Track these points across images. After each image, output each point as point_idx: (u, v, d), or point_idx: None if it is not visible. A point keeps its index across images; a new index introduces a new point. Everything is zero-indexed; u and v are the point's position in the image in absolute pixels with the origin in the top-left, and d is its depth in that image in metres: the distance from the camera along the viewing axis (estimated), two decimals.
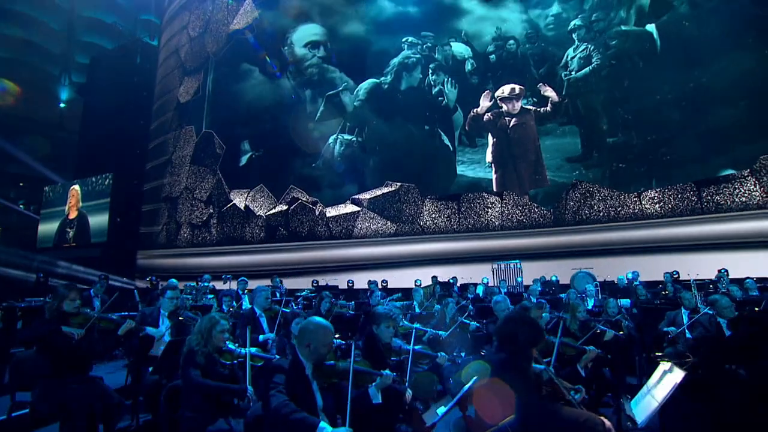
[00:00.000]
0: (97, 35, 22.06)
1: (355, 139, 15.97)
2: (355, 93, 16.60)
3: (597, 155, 13.51)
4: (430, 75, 16.37)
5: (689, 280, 6.85)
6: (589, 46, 14.43)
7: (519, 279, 10.01)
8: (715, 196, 10.66)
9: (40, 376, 3.56)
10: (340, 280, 10.88)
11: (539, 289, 7.02)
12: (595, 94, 14.03)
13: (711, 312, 3.81)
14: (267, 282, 8.98)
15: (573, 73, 14.58)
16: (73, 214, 17.03)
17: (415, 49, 16.69)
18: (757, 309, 3.97)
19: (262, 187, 14.05)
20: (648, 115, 12.80)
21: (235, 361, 3.21)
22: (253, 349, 3.42)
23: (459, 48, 16.42)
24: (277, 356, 3.51)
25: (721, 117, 11.37)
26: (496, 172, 14.64)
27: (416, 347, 3.46)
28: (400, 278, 11.04)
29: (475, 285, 8.81)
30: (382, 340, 3.25)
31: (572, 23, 14.94)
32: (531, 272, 10.71)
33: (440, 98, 16.00)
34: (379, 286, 9.78)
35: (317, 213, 13.65)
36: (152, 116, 15.87)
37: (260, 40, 15.14)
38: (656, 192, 11.53)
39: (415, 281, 10.53)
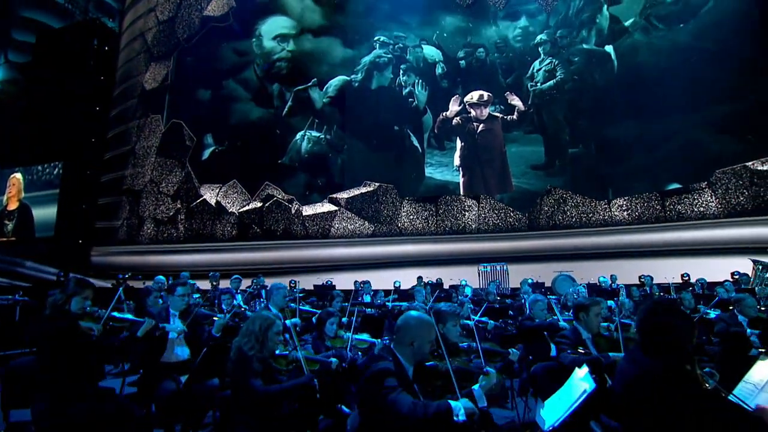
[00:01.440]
0: (40, 12, 19.98)
1: (323, 136, 15.79)
2: (324, 89, 16.42)
3: (559, 164, 14.34)
4: (401, 75, 16.53)
5: (668, 283, 7.50)
6: (554, 60, 15.24)
7: (496, 282, 10.33)
8: (677, 206, 11.63)
9: (42, 388, 3.20)
10: (317, 281, 10.67)
11: (530, 291, 7.35)
12: (559, 106, 14.86)
13: (715, 313, 4.26)
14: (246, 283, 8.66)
15: (538, 84, 15.34)
16: (12, 205, 15.33)
17: (386, 48, 16.77)
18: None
19: (235, 183, 13.54)
20: (606, 130, 13.76)
21: (291, 366, 2.97)
22: (304, 352, 3.19)
23: (430, 51, 16.73)
24: (333, 359, 3.30)
25: (671, 134, 12.49)
26: (463, 176, 15.09)
27: (484, 345, 3.29)
28: (377, 279, 10.95)
29: (464, 287, 9.00)
30: (450, 339, 3.05)
31: (538, 37, 15.73)
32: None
33: (410, 99, 16.20)
34: (360, 287, 9.66)
35: (293, 211, 13.38)
36: (113, 103, 14.68)
37: (232, 29, 14.54)
38: (624, 200, 12.42)
39: (394, 283, 10.59)
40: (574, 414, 1.97)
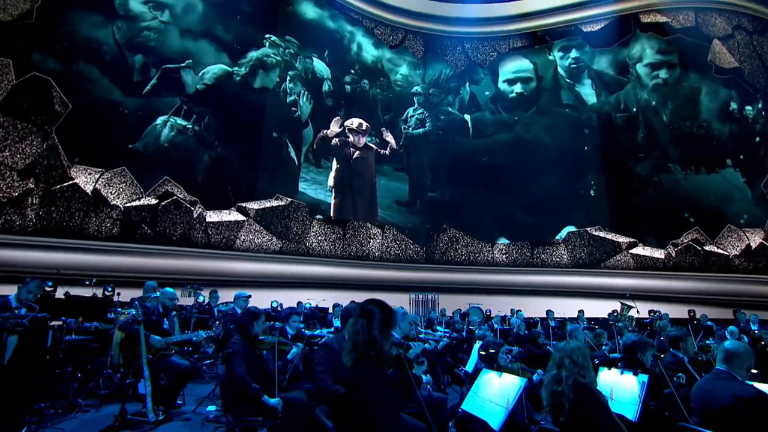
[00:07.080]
0: None
1: (191, 126, 13.94)
2: (200, 74, 14.45)
3: (420, 204, 16.97)
4: (287, 82, 16.11)
5: (563, 317, 10.08)
6: (425, 112, 17.87)
7: (400, 309, 11.63)
8: (541, 255, 15.07)
9: None
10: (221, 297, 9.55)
11: (477, 319, 8.80)
12: (425, 153, 17.51)
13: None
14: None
15: (410, 129, 17.68)
16: None
17: (276, 50, 16.02)
18: None
19: (124, 171, 10.62)
20: (457, 184, 17.11)
21: None
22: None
23: (320, 66, 16.88)
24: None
25: (502, 200, 16.68)
26: (335, 198, 15.91)
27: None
28: (283, 299, 10.61)
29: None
30: (646, 365, 3.42)
31: (414, 88, 18.06)
32: (404, 303, 12.66)
33: (294, 109, 15.98)
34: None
35: (195, 215, 11.54)
36: None
37: None
38: (504, 245, 15.50)
39: (298, 303, 10.56)
40: None
